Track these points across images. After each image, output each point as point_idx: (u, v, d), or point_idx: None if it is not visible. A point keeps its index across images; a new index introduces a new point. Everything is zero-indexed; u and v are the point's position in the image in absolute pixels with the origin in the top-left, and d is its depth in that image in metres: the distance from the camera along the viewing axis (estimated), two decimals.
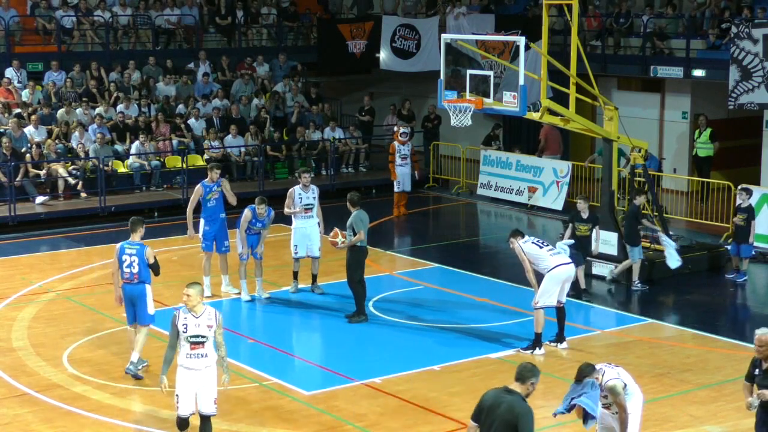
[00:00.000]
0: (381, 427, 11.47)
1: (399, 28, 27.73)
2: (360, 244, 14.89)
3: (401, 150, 22.56)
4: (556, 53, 19.74)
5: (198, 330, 10.04)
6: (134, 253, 12.79)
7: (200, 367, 10.12)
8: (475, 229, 23.30)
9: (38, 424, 11.56)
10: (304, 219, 16.29)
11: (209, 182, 16.15)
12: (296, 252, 16.40)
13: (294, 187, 16.46)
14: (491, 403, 8.10)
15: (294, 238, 16.43)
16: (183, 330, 10.04)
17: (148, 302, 12.89)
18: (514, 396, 8.03)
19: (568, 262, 13.81)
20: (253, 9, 29.37)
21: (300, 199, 16.25)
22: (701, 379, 12.89)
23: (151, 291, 12.98)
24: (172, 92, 25.95)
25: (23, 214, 21.47)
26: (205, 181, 16.23)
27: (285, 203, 16.38)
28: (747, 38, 20.42)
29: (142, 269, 12.77)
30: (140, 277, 12.79)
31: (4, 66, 24.87)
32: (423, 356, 13.70)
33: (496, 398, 8.09)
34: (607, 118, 17.26)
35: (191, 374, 10.16)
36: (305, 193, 16.29)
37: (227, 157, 24.46)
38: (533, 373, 8.14)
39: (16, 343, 14.21)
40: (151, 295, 12.97)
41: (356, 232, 14.79)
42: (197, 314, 10.07)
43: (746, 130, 23.72)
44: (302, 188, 16.29)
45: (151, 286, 12.96)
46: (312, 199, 16.31)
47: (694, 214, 21.17)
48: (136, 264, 12.75)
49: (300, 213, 16.22)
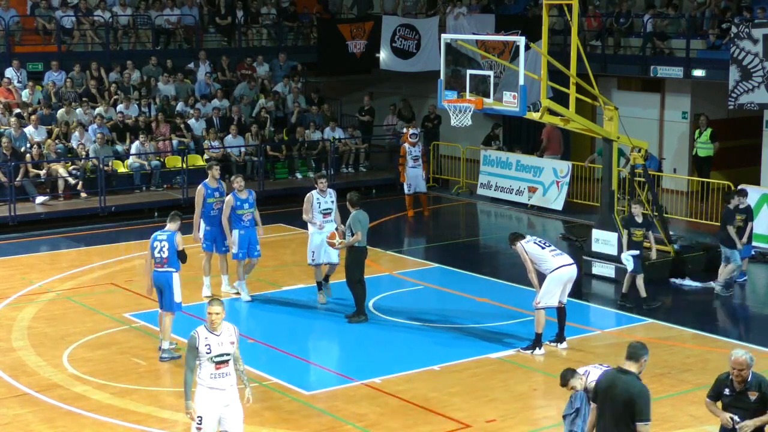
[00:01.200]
0: (381, 427, 11.48)
1: (399, 28, 27.73)
2: (358, 245, 14.83)
3: (412, 152, 22.45)
4: (556, 53, 19.73)
5: (222, 348, 9.56)
6: (165, 238, 13.41)
7: (225, 387, 9.63)
8: (475, 229, 23.30)
9: (38, 424, 11.57)
10: (325, 224, 15.77)
11: (211, 184, 16.10)
12: (313, 259, 15.87)
13: (311, 191, 15.95)
14: (607, 384, 8.35)
15: (311, 243, 15.86)
16: (207, 351, 9.51)
17: (175, 290, 13.40)
18: (629, 376, 8.24)
19: (570, 263, 13.79)
20: (253, 9, 29.37)
21: (318, 204, 15.76)
22: (701, 379, 12.88)
23: (179, 279, 13.45)
24: (172, 91, 25.94)
25: (23, 214, 21.47)
26: (207, 181, 16.15)
27: (303, 209, 15.92)
28: (747, 38, 20.42)
29: (171, 255, 13.34)
30: (169, 262, 13.35)
31: (4, 66, 24.86)
32: (423, 356, 13.70)
33: (612, 379, 8.33)
34: (607, 118, 17.25)
35: (216, 394, 9.58)
36: (323, 197, 15.79)
37: (227, 157, 24.46)
38: (645, 350, 8.38)
39: (16, 343, 14.22)
40: (179, 284, 13.45)
41: (354, 233, 14.77)
42: (218, 332, 9.58)
43: (746, 130, 23.72)
44: (319, 193, 15.79)
45: (179, 275, 13.43)
46: (330, 203, 15.83)
47: (694, 214, 21.17)
48: (166, 249, 13.34)
49: (319, 221, 15.72)
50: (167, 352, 13.52)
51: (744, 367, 8.86)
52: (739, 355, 8.91)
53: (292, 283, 17.13)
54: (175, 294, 13.43)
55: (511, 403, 12.09)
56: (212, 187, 16.09)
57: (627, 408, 8.12)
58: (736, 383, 8.96)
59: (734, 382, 8.97)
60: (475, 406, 11.95)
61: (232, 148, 24.60)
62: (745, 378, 8.90)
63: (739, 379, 8.92)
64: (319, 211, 15.80)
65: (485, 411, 11.84)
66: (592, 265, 17.64)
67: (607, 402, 8.28)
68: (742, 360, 8.86)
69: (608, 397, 8.28)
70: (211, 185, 16.10)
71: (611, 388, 8.27)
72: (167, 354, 13.51)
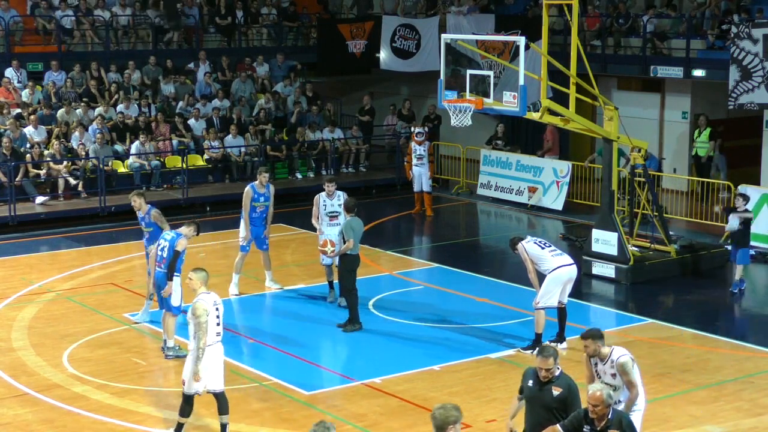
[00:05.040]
0: (381, 427, 11.48)
1: (399, 28, 27.74)
2: (350, 252, 14.66)
3: (417, 150, 22.45)
4: (556, 53, 19.73)
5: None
6: (168, 239, 13.50)
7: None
8: (475, 229, 23.30)
9: (38, 424, 11.57)
10: (330, 227, 15.76)
11: (259, 189, 16.23)
12: (323, 259, 15.99)
13: (319, 194, 16.08)
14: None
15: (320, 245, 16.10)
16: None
17: (174, 291, 13.37)
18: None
19: (570, 263, 13.79)
20: (253, 9, 29.37)
21: (324, 207, 15.86)
22: (701, 379, 12.89)
23: (179, 281, 13.37)
24: (171, 90, 25.94)
25: (23, 214, 21.46)
26: (255, 185, 16.34)
27: (312, 212, 16.07)
28: (747, 38, 20.42)
29: (170, 256, 13.34)
30: (168, 263, 13.35)
31: (4, 66, 24.86)
32: (423, 356, 13.70)
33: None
34: (607, 118, 17.25)
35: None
36: (330, 200, 15.86)
37: (227, 157, 24.46)
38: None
39: (16, 343, 14.22)
40: (178, 286, 13.37)
41: (347, 240, 14.71)
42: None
43: (746, 130, 23.72)
44: (327, 196, 15.89)
45: (178, 277, 13.34)
46: (338, 206, 15.82)
47: (694, 214, 21.17)
48: (167, 249, 13.41)
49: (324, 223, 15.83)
50: (172, 350, 13.54)
51: (599, 404, 8.33)
52: (594, 390, 8.40)
53: (293, 283, 17.12)
54: (173, 296, 13.38)
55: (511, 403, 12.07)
56: (259, 192, 16.27)
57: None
58: (596, 421, 8.43)
59: (594, 420, 8.45)
60: (475, 406, 11.94)
61: (232, 148, 24.60)
62: (603, 415, 8.38)
63: (596, 416, 8.38)
64: (325, 213, 15.88)
65: (485, 411, 11.84)
66: (592, 265, 17.64)
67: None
68: (597, 396, 8.34)
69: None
70: (259, 190, 16.27)
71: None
72: (172, 352, 13.53)
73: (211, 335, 10.59)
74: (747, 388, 12.61)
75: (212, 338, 10.62)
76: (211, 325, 10.57)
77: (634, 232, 18.13)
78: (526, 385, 9.31)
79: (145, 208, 14.75)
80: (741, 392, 12.49)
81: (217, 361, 10.73)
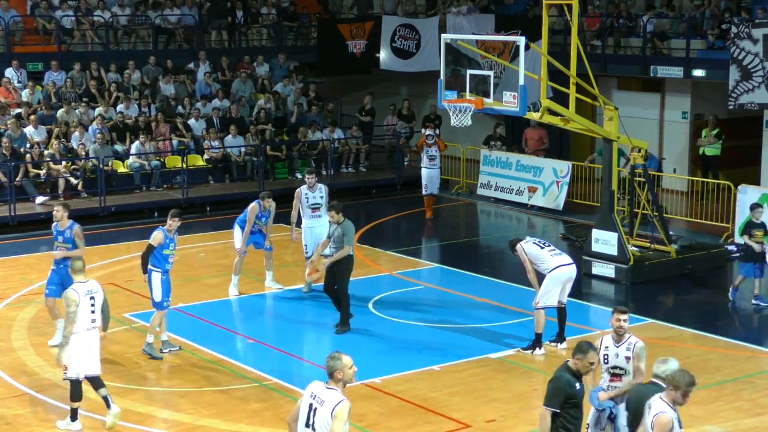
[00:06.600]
0: (381, 427, 11.47)
1: (399, 28, 27.73)
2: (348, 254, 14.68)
3: (428, 151, 22.36)
4: (556, 53, 19.72)
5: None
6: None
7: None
8: (475, 229, 23.30)
9: (38, 424, 11.56)
10: (313, 218, 16.32)
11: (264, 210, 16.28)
12: (307, 252, 16.43)
13: (300, 187, 16.61)
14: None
15: (304, 237, 16.51)
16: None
17: (153, 289, 13.49)
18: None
19: (569, 263, 13.80)
20: (253, 9, 29.36)
21: (307, 200, 16.37)
22: (701, 379, 12.79)
23: (158, 277, 13.46)
24: (171, 90, 25.94)
25: (23, 214, 21.46)
26: (305, 188, 16.49)
27: (293, 205, 16.53)
28: (747, 38, 20.42)
29: (156, 252, 13.44)
30: (152, 260, 13.49)
31: (4, 66, 24.86)
32: (423, 356, 13.70)
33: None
34: (607, 118, 17.25)
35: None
36: (311, 192, 16.39)
37: (227, 157, 24.46)
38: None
39: (16, 343, 14.21)
40: (158, 282, 13.47)
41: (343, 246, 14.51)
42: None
43: (746, 130, 23.71)
44: (308, 188, 16.41)
45: (158, 273, 13.45)
46: (319, 198, 16.38)
47: (694, 214, 21.17)
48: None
49: (306, 215, 16.32)
50: (167, 345, 13.69)
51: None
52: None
53: (293, 283, 17.11)
54: (153, 293, 13.54)
55: (511, 403, 12.10)
56: (261, 215, 16.30)
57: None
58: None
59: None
60: (475, 406, 11.95)
61: (232, 148, 24.59)
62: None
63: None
64: (307, 206, 16.31)
65: (485, 411, 11.84)
66: (592, 265, 17.64)
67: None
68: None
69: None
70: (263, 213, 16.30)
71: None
72: (166, 347, 13.67)
73: (84, 322, 10.97)
74: (747, 388, 12.62)
75: (86, 325, 10.99)
76: (84, 313, 10.95)
77: (634, 232, 18.14)
78: (574, 391, 8.59)
79: (66, 222, 13.50)
80: (741, 392, 12.50)
81: (93, 347, 11.13)
